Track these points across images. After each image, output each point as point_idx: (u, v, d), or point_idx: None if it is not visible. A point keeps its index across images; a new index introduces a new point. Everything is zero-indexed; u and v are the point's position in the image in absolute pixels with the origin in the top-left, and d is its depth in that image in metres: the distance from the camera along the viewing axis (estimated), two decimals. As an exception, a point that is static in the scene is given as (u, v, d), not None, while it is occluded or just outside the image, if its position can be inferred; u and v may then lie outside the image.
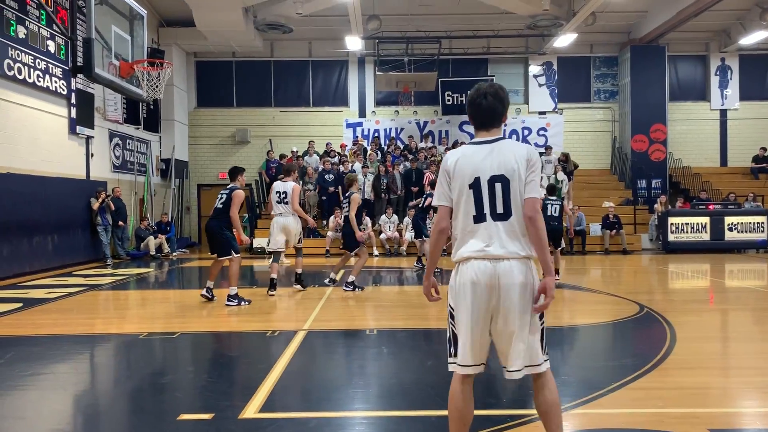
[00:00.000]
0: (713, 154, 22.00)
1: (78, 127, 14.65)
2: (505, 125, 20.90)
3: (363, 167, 17.95)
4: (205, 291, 8.89)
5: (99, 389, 5.15)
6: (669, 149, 21.09)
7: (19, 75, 12.40)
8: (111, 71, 9.34)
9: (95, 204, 14.59)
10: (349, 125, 21.71)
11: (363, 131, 21.59)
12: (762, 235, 16.82)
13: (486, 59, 21.79)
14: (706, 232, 16.98)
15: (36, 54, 12.96)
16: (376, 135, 21.36)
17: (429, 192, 11.84)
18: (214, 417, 4.00)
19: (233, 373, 5.38)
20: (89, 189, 14.85)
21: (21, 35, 12.46)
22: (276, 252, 9.56)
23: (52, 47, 13.57)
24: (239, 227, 8.70)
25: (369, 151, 19.45)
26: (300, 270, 10.03)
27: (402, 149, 19.97)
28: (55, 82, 13.67)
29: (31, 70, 12.80)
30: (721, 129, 21.97)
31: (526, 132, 21.62)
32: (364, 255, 9.97)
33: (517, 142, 3.15)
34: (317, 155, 19.29)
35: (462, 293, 3.04)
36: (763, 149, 21.10)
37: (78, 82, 14.54)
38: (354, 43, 19.22)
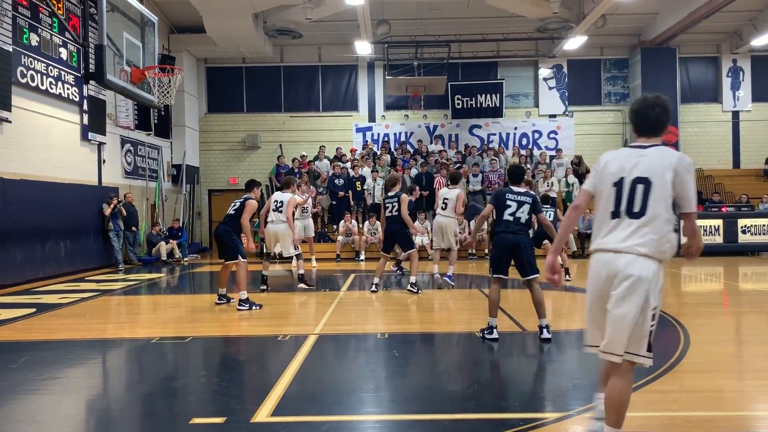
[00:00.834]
0: (726, 156, 21.84)
1: (90, 134, 14.76)
2: (516, 128, 20.79)
3: (372, 171, 17.95)
4: (218, 298, 9.00)
5: (112, 393, 5.17)
6: (681, 151, 20.92)
7: (32, 82, 12.52)
8: (122, 78, 9.41)
9: (107, 210, 14.68)
10: (359, 130, 21.74)
11: (373, 136, 21.61)
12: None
13: (496, 62, 21.77)
14: (719, 234, 16.83)
15: (48, 61, 13.08)
16: (386, 139, 21.37)
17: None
18: (226, 421, 4.01)
19: (245, 377, 5.40)
20: (101, 195, 14.94)
21: (34, 43, 12.58)
22: (297, 254, 10.32)
23: (64, 54, 13.69)
24: (249, 234, 8.84)
25: (378, 155, 19.45)
26: (302, 271, 10.40)
27: (412, 153, 19.96)
28: (68, 89, 13.78)
29: (44, 77, 12.92)
30: (734, 131, 21.81)
31: (536, 135, 21.57)
32: (416, 254, 10.19)
33: (671, 149, 3.37)
34: (327, 160, 19.33)
35: (588, 280, 3.37)
36: (776, 151, 20.93)
37: (90, 88, 14.65)
38: (363, 48, 19.26)
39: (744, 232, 16.78)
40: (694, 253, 3.43)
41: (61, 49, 13.61)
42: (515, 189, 6.62)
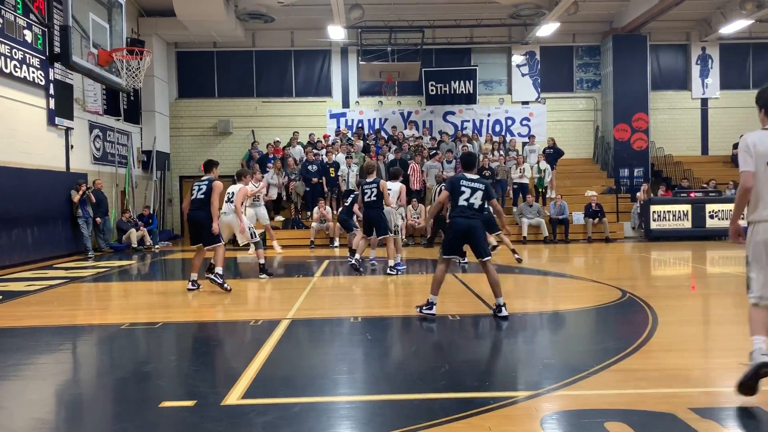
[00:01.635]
0: (695, 142, 22.20)
1: (57, 119, 14.44)
2: (489, 115, 20.83)
3: (347, 158, 17.88)
4: (191, 284, 8.87)
5: (80, 379, 5.09)
6: (651, 138, 21.24)
7: (-4, 65, 12.20)
8: (89, 60, 9.20)
9: (75, 196, 14.41)
10: (333, 116, 21.62)
11: (347, 121, 21.52)
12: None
13: (469, 49, 21.78)
14: (687, 219, 17.13)
15: (12, 44, 12.73)
16: (360, 125, 21.30)
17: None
18: (196, 404, 3.97)
19: (216, 362, 5.36)
20: (69, 181, 14.66)
21: (-3, 24, 12.24)
22: (255, 242, 10.22)
23: (29, 37, 13.34)
24: (216, 217, 8.65)
25: (351, 141, 19.37)
26: (262, 260, 10.21)
27: (386, 140, 19.92)
28: (33, 72, 13.44)
29: (8, 60, 12.58)
30: (702, 118, 22.17)
31: (509, 122, 21.67)
32: (391, 239, 10.56)
33: None
34: (301, 146, 19.20)
35: (756, 249, 4.13)
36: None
37: (56, 72, 14.32)
38: (336, 33, 19.10)
39: (712, 217, 17.10)
40: None
41: (26, 32, 13.25)
42: (468, 176, 6.78)
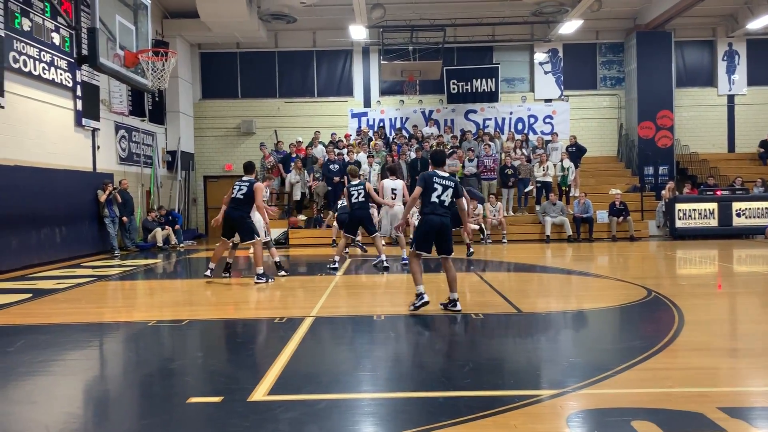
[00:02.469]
0: (721, 139, 21.86)
1: (84, 120, 14.69)
2: (511, 113, 20.84)
3: (368, 157, 17.93)
4: (209, 271, 9.62)
5: (108, 375, 5.18)
6: (676, 135, 20.97)
7: (25, 67, 12.43)
8: (115, 61, 9.33)
9: (102, 196, 14.64)
10: (354, 115, 21.68)
11: (368, 121, 21.56)
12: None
13: (491, 47, 21.69)
14: (714, 218, 16.89)
15: (41, 46, 12.98)
16: (381, 124, 21.33)
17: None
18: (223, 400, 4.02)
19: (242, 358, 5.41)
20: (96, 181, 14.90)
21: (26, 27, 12.47)
22: (266, 241, 10.60)
23: (56, 39, 13.59)
24: (265, 211, 9.65)
25: (373, 141, 19.41)
26: (277, 258, 10.43)
27: (408, 138, 19.92)
28: (61, 74, 13.69)
29: (37, 62, 12.83)
30: (729, 115, 21.82)
31: (531, 120, 21.54)
32: (379, 237, 11.30)
33: None
34: (322, 145, 19.29)
35: None
36: (771, 134, 20.97)
37: (83, 74, 14.56)
38: (358, 33, 19.16)
39: (738, 215, 16.84)
40: None
41: (54, 34, 13.50)
42: (440, 173, 6.90)
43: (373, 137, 19.90)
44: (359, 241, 12.68)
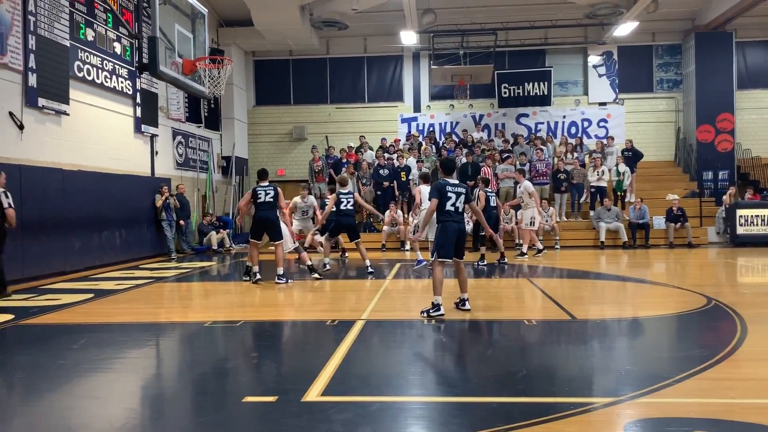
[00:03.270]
0: (785, 143, 20.98)
1: (143, 126, 15.17)
2: (564, 117, 20.54)
3: (418, 162, 17.94)
4: (250, 276, 10.25)
5: (166, 373, 5.34)
6: (737, 139, 20.23)
7: (88, 76, 12.93)
8: (174, 69, 9.62)
9: (159, 201, 15.06)
10: (404, 120, 21.71)
11: (418, 126, 21.55)
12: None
13: (543, 50, 21.40)
14: (777, 224, 16.25)
15: (103, 55, 13.48)
16: (431, 129, 21.30)
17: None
18: (277, 399, 4.09)
19: (295, 359, 5.49)
20: (154, 186, 15.34)
21: (90, 38, 12.98)
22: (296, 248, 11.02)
23: (118, 49, 14.09)
24: (288, 218, 10.30)
25: (424, 146, 19.41)
26: (309, 262, 10.81)
27: (457, 143, 19.85)
28: (122, 82, 14.18)
29: (99, 71, 13.32)
30: (794, 117, 20.93)
31: (585, 123, 21.14)
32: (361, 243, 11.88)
33: None
34: (371, 150, 19.40)
35: None
36: (841, 138, 20.01)
37: (142, 82, 15.05)
38: (409, 38, 19.21)
39: (805, 222, 16.14)
40: None
41: (115, 44, 14.00)
42: (451, 181, 7.15)
43: (424, 142, 19.89)
44: (305, 247, 12.73)
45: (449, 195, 7.00)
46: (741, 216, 16.38)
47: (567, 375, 4.86)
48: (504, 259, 12.63)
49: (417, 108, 21.77)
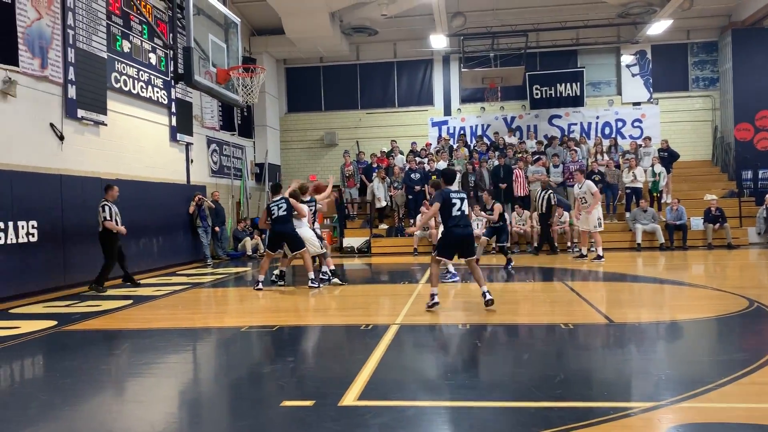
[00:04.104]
0: (828, 140, 20.39)
1: (178, 135, 15.44)
2: (597, 117, 20.28)
3: (448, 165, 17.90)
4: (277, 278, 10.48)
5: (206, 377, 5.42)
6: (775, 137, 19.74)
7: (125, 87, 13.22)
8: (208, 78, 9.78)
9: (191, 207, 15.29)
10: (435, 124, 21.70)
11: (448, 129, 21.52)
12: None
13: (575, 51, 21.18)
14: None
15: (139, 66, 13.78)
16: (462, 132, 21.24)
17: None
18: (315, 404, 4.12)
19: (331, 364, 5.53)
20: (190, 193, 15.59)
21: (126, 49, 13.28)
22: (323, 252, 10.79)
23: (153, 59, 14.38)
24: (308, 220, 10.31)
25: (454, 148, 19.37)
26: (332, 267, 10.81)
27: (489, 146, 19.75)
28: (157, 92, 14.47)
29: (135, 82, 13.62)
30: (837, 113, 20.33)
31: (619, 124, 20.85)
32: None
33: None
34: (401, 154, 19.44)
35: None
36: None
37: (177, 91, 15.33)
38: (438, 42, 19.21)
39: None
40: None
41: (151, 55, 14.30)
42: (453, 188, 7.77)
43: (458, 145, 19.85)
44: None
45: (454, 201, 7.58)
46: (783, 216, 15.95)
47: (605, 379, 4.81)
48: (510, 264, 12.50)
49: (447, 111, 21.73)
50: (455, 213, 7.57)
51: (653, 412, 3.84)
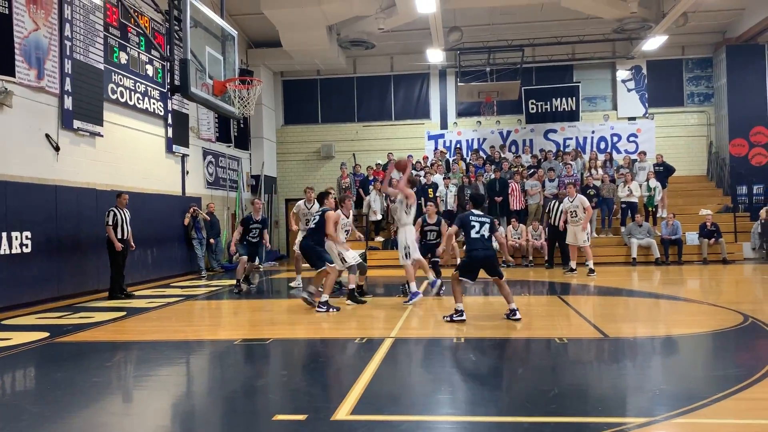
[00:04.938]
0: (822, 156, 20.49)
1: (174, 146, 15.45)
2: (593, 132, 20.37)
3: (444, 178, 17.93)
4: (307, 295, 9.17)
5: (197, 390, 5.37)
6: (770, 153, 19.85)
7: (122, 98, 13.24)
8: (205, 90, 9.77)
9: (186, 219, 15.25)
10: (431, 137, 21.75)
11: (445, 143, 21.58)
12: None
13: (571, 65, 21.31)
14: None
15: (136, 78, 13.80)
16: (458, 146, 21.30)
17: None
18: (307, 418, 4.08)
19: (324, 377, 5.49)
20: (185, 205, 15.57)
21: (123, 61, 13.31)
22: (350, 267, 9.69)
23: (150, 71, 14.41)
24: (337, 239, 9.37)
25: (452, 162, 19.41)
26: (353, 285, 9.73)
27: (485, 160, 19.80)
28: (153, 103, 14.48)
29: (132, 93, 13.63)
30: (831, 130, 20.45)
31: (615, 138, 20.94)
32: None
33: None
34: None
35: None
36: None
37: (174, 103, 15.35)
38: (435, 56, 19.30)
39: None
40: None
41: (148, 66, 14.32)
42: (476, 212, 7.87)
43: (455, 158, 19.90)
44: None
45: (473, 224, 7.67)
46: (777, 231, 15.99)
47: (600, 394, 4.78)
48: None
49: (444, 125, 21.81)
50: (473, 235, 7.65)
51: (648, 427, 3.81)
